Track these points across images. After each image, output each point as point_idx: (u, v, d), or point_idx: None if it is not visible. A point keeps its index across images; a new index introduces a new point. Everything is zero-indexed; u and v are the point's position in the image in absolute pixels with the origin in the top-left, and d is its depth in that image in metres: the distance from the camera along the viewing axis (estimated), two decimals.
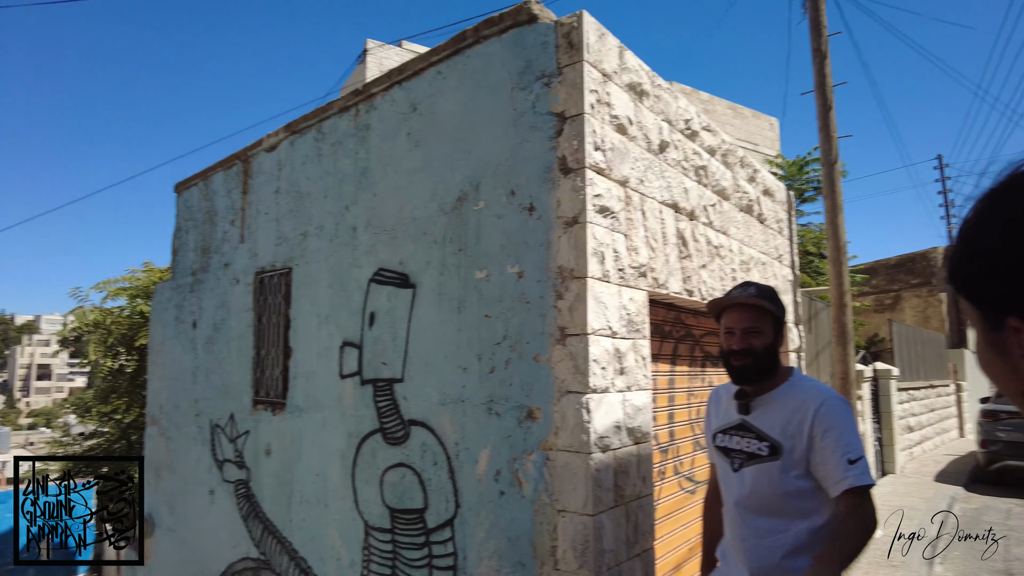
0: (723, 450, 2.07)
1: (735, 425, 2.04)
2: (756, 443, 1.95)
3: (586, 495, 3.00)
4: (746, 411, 2.02)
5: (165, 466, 6.32)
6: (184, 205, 6.45)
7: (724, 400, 2.16)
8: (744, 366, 1.99)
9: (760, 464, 1.92)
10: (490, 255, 3.45)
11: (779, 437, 1.91)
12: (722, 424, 2.10)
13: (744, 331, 2.00)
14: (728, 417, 2.09)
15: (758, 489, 1.91)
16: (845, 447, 1.82)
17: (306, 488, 4.48)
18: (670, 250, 3.87)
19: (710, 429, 2.19)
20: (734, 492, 2.00)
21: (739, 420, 2.04)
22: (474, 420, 3.49)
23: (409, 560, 3.71)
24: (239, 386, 5.25)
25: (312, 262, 4.64)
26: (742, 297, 2.03)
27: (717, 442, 2.10)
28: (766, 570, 1.88)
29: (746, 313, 2.01)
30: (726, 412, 2.11)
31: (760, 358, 1.98)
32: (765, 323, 2.01)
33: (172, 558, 6.05)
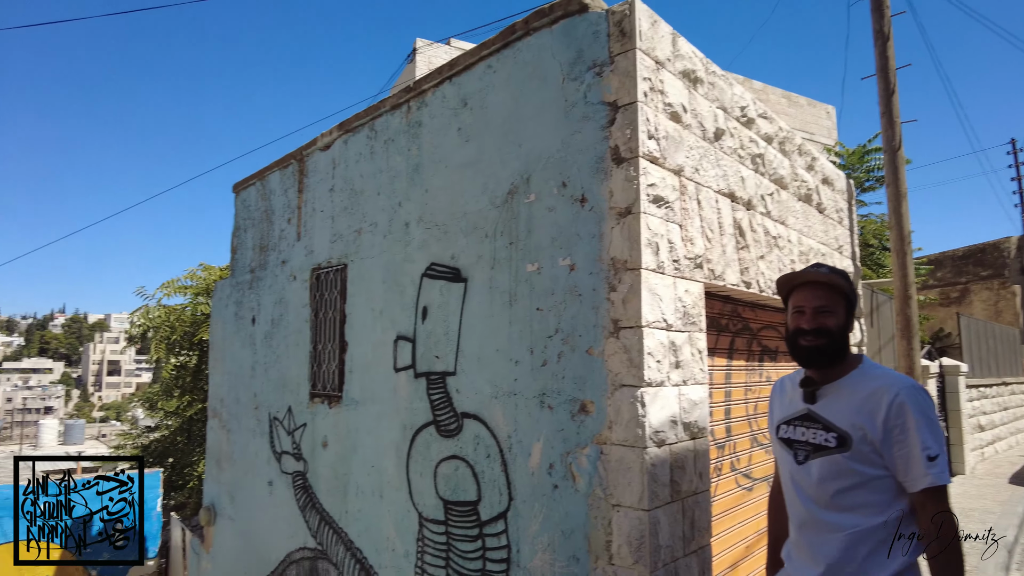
0: (786, 442, 1.95)
1: (800, 415, 1.92)
2: (823, 434, 1.83)
3: (642, 490, 2.95)
4: (812, 400, 1.90)
5: (225, 457, 6.54)
6: (242, 204, 6.65)
7: (788, 390, 2.04)
8: (814, 347, 1.87)
9: (827, 456, 1.80)
10: (541, 248, 3.44)
11: (848, 428, 1.79)
12: (786, 415, 1.97)
13: (815, 309, 1.88)
14: (792, 407, 1.96)
15: (825, 483, 1.80)
16: (925, 442, 1.70)
17: (361, 480, 4.56)
18: (727, 241, 3.78)
19: (773, 422, 2.07)
20: (800, 487, 1.88)
21: (804, 410, 1.91)
22: (526, 413, 3.49)
23: (463, 552, 3.74)
24: (296, 380, 5.39)
25: (366, 258, 4.72)
26: (814, 274, 1.91)
27: (780, 434, 1.98)
28: (838, 568, 1.77)
29: (818, 291, 1.89)
30: (790, 403, 1.98)
31: (833, 339, 1.86)
32: (838, 303, 1.89)
33: (233, 546, 6.27)
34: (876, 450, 1.75)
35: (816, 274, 1.92)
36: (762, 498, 4.60)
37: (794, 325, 1.93)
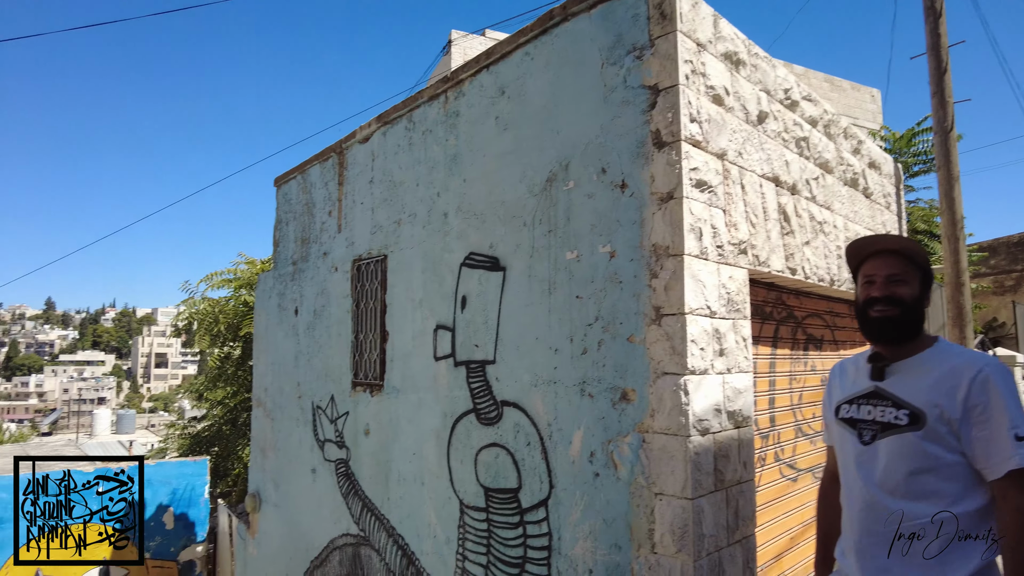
0: (849, 422, 1.79)
1: (866, 393, 1.77)
2: (893, 411, 1.67)
3: (685, 478, 2.92)
4: (880, 377, 1.75)
5: (270, 446, 6.70)
6: (283, 198, 6.77)
7: (850, 371, 1.90)
8: (886, 317, 1.72)
9: (898, 435, 1.65)
10: (580, 235, 3.42)
11: (922, 405, 1.63)
12: (848, 395, 1.83)
13: (887, 278, 1.75)
14: (856, 386, 1.82)
15: (894, 465, 1.64)
16: (1012, 420, 1.55)
17: (403, 467, 4.62)
18: (771, 226, 3.70)
19: (831, 404, 1.92)
20: (864, 470, 1.71)
21: (871, 387, 1.76)
22: (566, 401, 3.48)
23: (504, 539, 3.76)
24: (339, 369, 5.48)
25: (406, 248, 4.76)
26: (887, 240, 1.79)
27: (841, 414, 1.83)
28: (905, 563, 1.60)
29: (891, 260, 1.76)
30: (853, 382, 1.84)
31: (906, 310, 1.72)
32: (912, 273, 1.76)
33: (278, 532, 6.42)
34: (953, 431, 1.60)
35: (889, 240, 1.80)
36: (807, 489, 4.52)
37: (864, 295, 1.80)
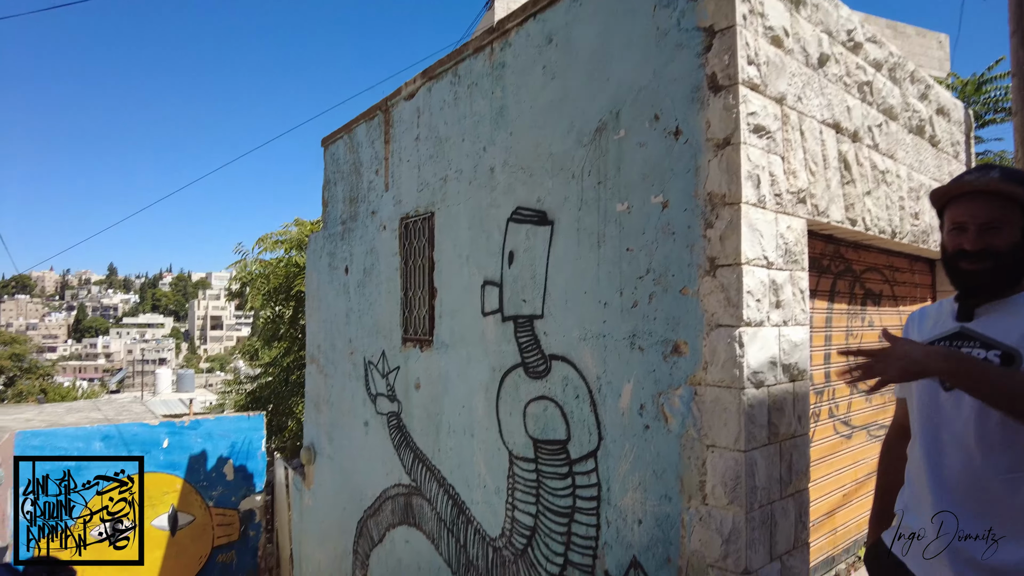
0: None
1: (951, 334, 1.59)
2: (981, 352, 1.49)
3: (738, 430, 2.89)
4: (969, 317, 1.58)
5: (324, 400, 6.91)
6: (331, 158, 6.84)
7: (932, 316, 1.72)
8: (979, 271, 1.53)
9: None
10: (632, 186, 3.35)
11: (1016, 344, 1.44)
12: (928, 337, 1.65)
13: (981, 226, 1.52)
14: (939, 328, 1.64)
15: (983, 411, 1.45)
16: None
17: (453, 419, 4.71)
18: (831, 175, 3.55)
19: None
20: (947, 417, 1.53)
21: (957, 328, 1.58)
22: (616, 355, 3.47)
23: (553, 489, 3.81)
24: (389, 325, 5.58)
25: (452, 205, 4.76)
26: (980, 182, 1.54)
27: None
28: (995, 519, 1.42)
29: (984, 204, 1.53)
30: (935, 325, 1.67)
31: (1003, 262, 1.51)
32: (1010, 217, 1.52)
33: (332, 483, 6.67)
34: None
35: (984, 181, 1.54)
36: (861, 447, 4.43)
37: (953, 245, 1.59)
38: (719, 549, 2.92)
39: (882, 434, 4.55)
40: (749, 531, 2.86)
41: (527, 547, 4.00)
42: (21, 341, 28.70)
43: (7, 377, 24.84)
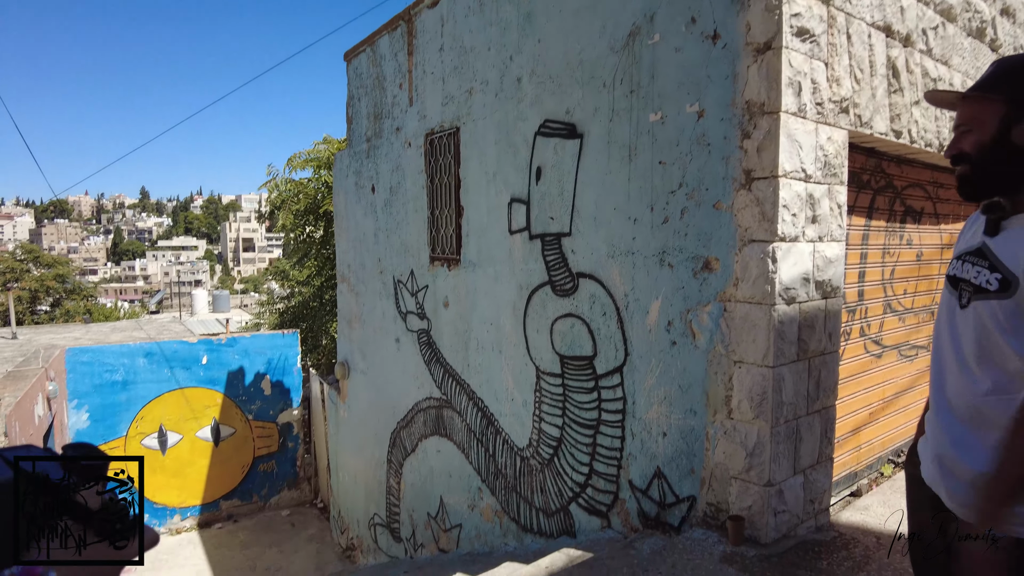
0: (952, 281, 1.53)
1: (974, 250, 1.49)
2: (987, 274, 1.41)
3: (767, 347, 2.88)
4: (993, 231, 1.45)
5: (355, 318, 7.06)
6: (354, 73, 6.67)
7: (974, 222, 1.58)
8: (959, 177, 1.51)
9: (984, 301, 1.39)
10: (666, 94, 3.21)
11: (1017, 270, 1.35)
12: (963, 248, 1.55)
13: (955, 131, 1.50)
14: (971, 241, 1.53)
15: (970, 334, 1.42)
16: None
17: (481, 336, 4.78)
18: (877, 83, 3.35)
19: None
20: (957, 335, 1.47)
21: (980, 243, 1.48)
22: (644, 272, 3.43)
23: (579, 403, 3.89)
24: (417, 244, 5.59)
25: (478, 119, 4.64)
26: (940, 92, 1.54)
27: (950, 270, 1.56)
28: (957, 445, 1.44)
29: (961, 107, 1.51)
30: (974, 235, 1.55)
31: (976, 164, 1.46)
32: (982, 114, 1.45)
33: (366, 396, 6.91)
34: None
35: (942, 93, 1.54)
36: (891, 366, 4.39)
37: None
38: (743, 462, 2.98)
39: (913, 354, 4.51)
40: (773, 445, 2.90)
41: (553, 457, 4.13)
42: (63, 263, 29.61)
43: (54, 298, 25.85)
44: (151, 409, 9.00)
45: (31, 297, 24.56)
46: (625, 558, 3.01)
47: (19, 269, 25.48)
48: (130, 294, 69.55)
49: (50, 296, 25.78)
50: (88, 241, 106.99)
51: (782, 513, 2.97)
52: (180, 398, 9.21)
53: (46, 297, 25.57)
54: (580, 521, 3.96)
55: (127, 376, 8.81)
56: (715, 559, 2.82)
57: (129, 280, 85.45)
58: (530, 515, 4.39)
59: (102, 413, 8.66)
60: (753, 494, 2.96)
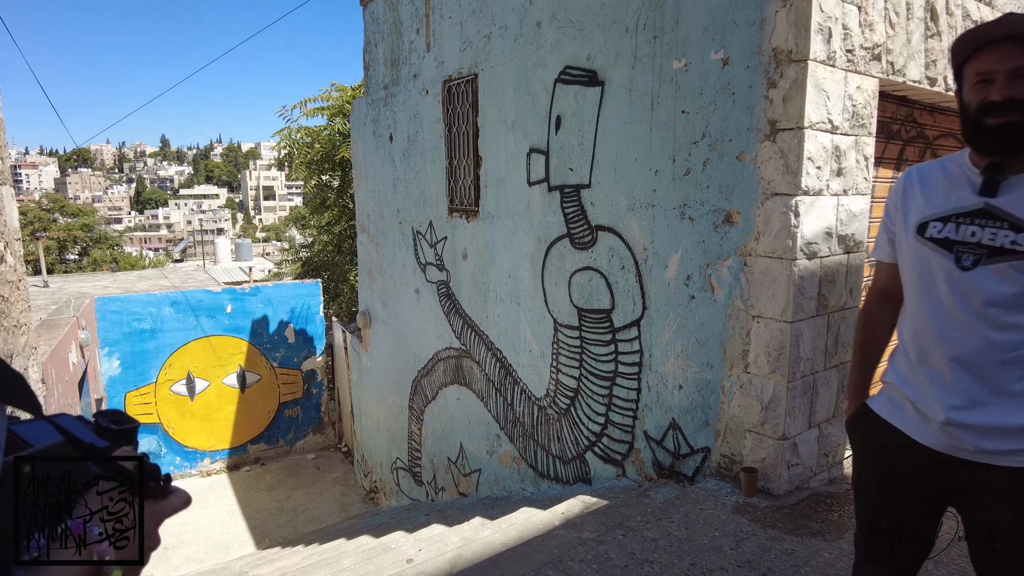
0: (942, 243, 1.49)
1: (972, 211, 1.46)
2: (1010, 234, 1.39)
3: (786, 302, 2.85)
4: (993, 192, 1.43)
5: (376, 269, 7.11)
6: (371, 18, 6.53)
7: (939, 181, 1.55)
8: (1008, 124, 1.38)
9: (1012, 262, 1.38)
10: (690, 41, 3.10)
11: None
12: (941, 211, 1.51)
13: (1011, 73, 1.37)
14: (954, 202, 1.50)
15: (1004, 293, 1.40)
16: None
17: (500, 288, 4.80)
18: (914, 27, 3.20)
19: (907, 218, 1.58)
20: (962, 298, 1.47)
21: (980, 204, 1.44)
22: (664, 225, 3.40)
23: (596, 355, 3.92)
24: (435, 195, 5.57)
25: (497, 65, 4.54)
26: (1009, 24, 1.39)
27: (931, 232, 1.51)
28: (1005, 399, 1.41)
29: (1014, 49, 1.37)
30: (947, 196, 1.52)
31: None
32: None
33: (387, 345, 7.02)
34: None
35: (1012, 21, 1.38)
36: None
37: (977, 100, 1.43)
38: (758, 415, 3.00)
39: None
40: (789, 399, 2.91)
41: (570, 407, 4.19)
42: (89, 212, 30.06)
43: (81, 247, 26.38)
44: (179, 356, 9.25)
45: (59, 246, 25.06)
46: (639, 506, 3.09)
47: (46, 219, 25.93)
48: (154, 242, 70.56)
49: (77, 245, 26.28)
50: (112, 190, 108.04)
51: (795, 466, 3.00)
52: (206, 346, 9.44)
53: (73, 246, 26.07)
54: (596, 469, 4.04)
55: (155, 324, 9.04)
56: (727, 509, 2.88)
57: (153, 229, 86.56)
58: (547, 462, 4.50)
59: (132, 360, 8.93)
60: (767, 447, 2.99)
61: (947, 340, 1.49)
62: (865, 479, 1.68)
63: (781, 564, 2.46)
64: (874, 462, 1.65)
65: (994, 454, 1.41)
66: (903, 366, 1.60)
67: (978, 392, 1.44)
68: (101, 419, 0.65)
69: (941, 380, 1.49)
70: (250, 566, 5.52)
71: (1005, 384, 1.40)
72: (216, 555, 7.20)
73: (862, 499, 1.71)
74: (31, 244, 19.83)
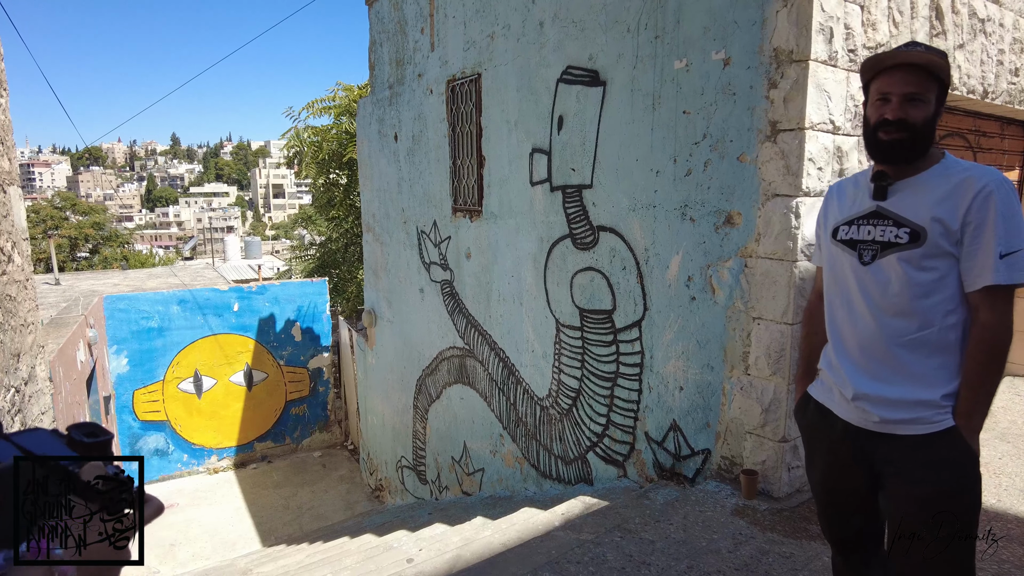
0: (848, 243, 1.72)
1: (867, 214, 1.70)
2: (894, 230, 1.63)
3: (787, 304, 2.84)
4: (883, 196, 1.67)
5: (381, 268, 7.13)
6: (376, 17, 6.53)
7: (850, 192, 1.78)
8: (896, 141, 1.61)
9: (899, 252, 1.61)
10: (691, 40, 3.08)
11: (923, 222, 1.59)
12: (848, 216, 1.74)
13: (904, 97, 1.59)
14: (857, 207, 1.73)
15: (892, 283, 1.62)
16: (1001, 237, 1.52)
17: (503, 288, 4.80)
18: (918, 25, 3.17)
19: (828, 226, 1.82)
20: (865, 290, 1.68)
21: (872, 207, 1.68)
22: (665, 226, 3.39)
23: (597, 355, 3.92)
24: (439, 195, 5.57)
25: (500, 65, 4.54)
26: (909, 53, 1.61)
27: (840, 235, 1.74)
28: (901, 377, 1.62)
29: (910, 76, 1.59)
30: (853, 203, 1.75)
31: (919, 134, 1.59)
32: (930, 90, 1.60)
33: (392, 344, 7.04)
34: (956, 242, 1.58)
35: (911, 54, 1.60)
36: None
37: (876, 116, 1.65)
38: (758, 417, 2.98)
39: None
40: (790, 401, 2.89)
41: (572, 407, 4.19)
42: (99, 210, 30.31)
43: (92, 245, 26.61)
44: (186, 354, 9.31)
45: (70, 244, 25.28)
46: (639, 508, 3.08)
47: (58, 217, 26.16)
48: (164, 240, 71.04)
49: (88, 243, 26.51)
50: (123, 188, 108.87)
51: (796, 468, 2.99)
52: (214, 344, 9.50)
53: (85, 244, 26.30)
54: (597, 469, 4.04)
55: (162, 323, 9.10)
56: (727, 512, 2.87)
57: (163, 227, 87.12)
58: (549, 462, 4.50)
59: (140, 358, 9.00)
60: (767, 449, 2.97)
61: (856, 329, 1.71)
62: (811, 458, 1.88)
63: (779, 567, 2.45)
64: (815, 440, 1.85)
65: (894, 423, 1.61)
66: (828, 354, 1.82)
67: (881, 371, 1.64)
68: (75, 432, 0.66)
69: (853, 363, 1.71)
70: (254, 563, 5.55)
71: (905, 365, 1.62)
72: (222, 552, 7.25)
73: (811, 477, 1.90)
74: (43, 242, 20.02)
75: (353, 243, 12.49)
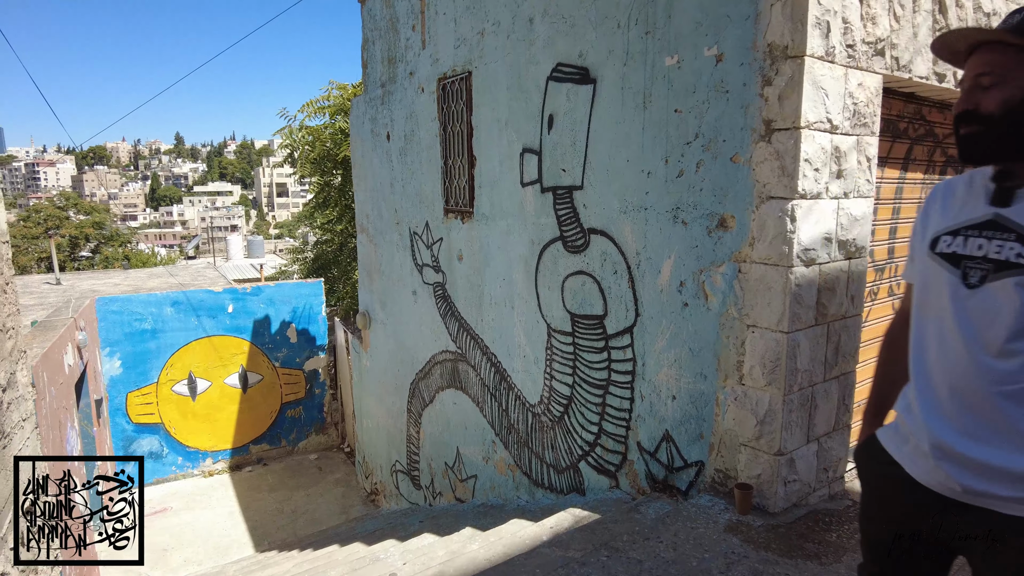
0: (950, 257, 1.34)
1: (980, 223, 1.32)
2: (1015, 246, 1.24)
3: (782, 311, 2.71)
4: (1005, 202, 1.29)
5: (375, 269, 7.02)
6: (368, 15, 6.42)
7: (960, 193, 1.41)
8: (967, 136, 1.32)
9: (1018, 276, 1.22)
10: (683, 36, 2.96)
11: None
12: (953, 224, 1.37)
13: (972, 81, 1.30)
14: (967, 213, 1.36)
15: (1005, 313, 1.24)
16: None
17: (494, 291, 4.68)
18: (920, 20, 3.03)
19: (924, 233, 1.44)
20: (963, 319, 1.31)
21: (990, 215, 1.31)
22: (657, 229, 3.26)
23: (589, 362, 3.79)
24: (431, 195, 5.46)
25: (490, 62, 4.41)
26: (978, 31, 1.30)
27: (940, 247, 1.37)
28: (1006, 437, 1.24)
29: (985, 55, 1.29)
30: (963, 207, 1.38)
31: (997, 124, 1.27)
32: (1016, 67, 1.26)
33: (387, 347, 6.93)
34: None
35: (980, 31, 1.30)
36: None
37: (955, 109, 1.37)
38: (753, 429, 2.86)
39: None
40: (786, 413, 2.77)
41: (564, 415, 4.07)
42: (101, 210, 30.32)
43: (94, 244, 26.58)
44: (180, 356, 9.22)
45: (71, 244, 25.27)
46: (629, 523, 2.96)
47: (59, 216, 26.15)
48: (169, 239, 71.14)
49: (90, 243, 26.50)
50: (127, 187, 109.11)
51: (792, 482, 2.86)
52: (208, 346, 9.40)
53: (86, 244, 26.29)
54: (589, 479, 3.92)
55: (156, 324, 9.01)
56: (720, 528, 2.75)
57: (167, 225, 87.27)
58: (541, 471, 4.38)
59: (133, 360, 8.90)
60: (762, 462, 2.85)
61: (947, 367, 1.33)
62: (867, 514, 1.57)
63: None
64: (875, 499, 1.53)
65: (988, 497, 1.25)
66: (908, 395, 1.44)
67: (975, 427, 1.28)
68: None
69: (938, 412, 1.34)
70: (244, 571, 5.45)
71: (1010, 422, 1.23)
72: (215, 557, 7.16)
73: (864, 534, 1.60)
74: (44, 242, 19.98)
75: (348, 243, 12.39)
